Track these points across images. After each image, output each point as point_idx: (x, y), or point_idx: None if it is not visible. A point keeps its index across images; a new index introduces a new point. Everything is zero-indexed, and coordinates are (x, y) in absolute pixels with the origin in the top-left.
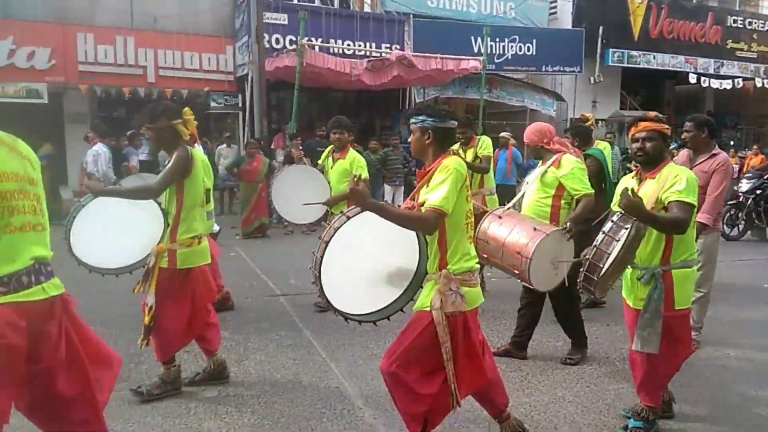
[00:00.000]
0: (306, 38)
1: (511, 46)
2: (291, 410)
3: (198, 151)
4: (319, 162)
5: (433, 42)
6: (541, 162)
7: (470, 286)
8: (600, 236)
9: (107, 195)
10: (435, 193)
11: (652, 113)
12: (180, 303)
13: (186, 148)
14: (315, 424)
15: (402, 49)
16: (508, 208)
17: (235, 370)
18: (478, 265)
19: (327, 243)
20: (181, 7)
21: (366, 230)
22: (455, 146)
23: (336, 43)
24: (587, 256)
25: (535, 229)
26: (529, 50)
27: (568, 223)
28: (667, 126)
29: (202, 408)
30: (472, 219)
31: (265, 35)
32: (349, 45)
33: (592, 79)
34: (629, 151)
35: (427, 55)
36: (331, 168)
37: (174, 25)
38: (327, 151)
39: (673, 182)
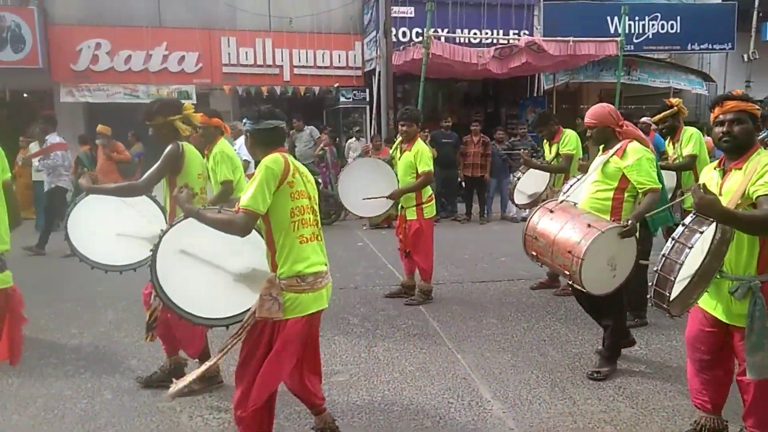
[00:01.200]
0: (432, 29)
1: (653, 25)
2: (420, 398)
3: (225, 145)
4: (390, 152)
5: (564, 25)
6: (601, 150)
7: (297, 292)
8: (669, 243)
9: (97, 192)
10: (245, 193)
11: (739, 91)
12: None
13: (178, 144)
14: (443, 413)
15: (531, 35)
16: (562, 201)
17: (365, 356)
18: (316, 269)
19: (156, 247)
20: (314, 8)
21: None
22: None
23: (462, 33)
24: (655, 268)
25: (589, 225)
26: (672, 28)
27: (630, 221)
28: (757, 106)
29: (335, 391)
30: (309, 216)
31: (393, 29)
32: (475, 33)
33: (745, 56)
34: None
35: (558, 39)
36: (399, 159)
37: (308, 25)
38: (397, 142)
39: (762, 173)
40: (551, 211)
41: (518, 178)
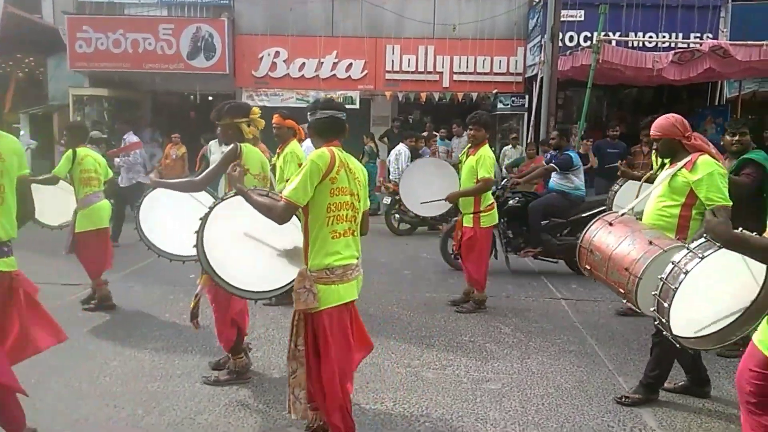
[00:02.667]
0: (603, 33)
1: None
2: (577, 417)
3: (295, 146)
4: (459, 157)
5: (756, 28)
6: (669, 163)
7: (327, 283)
8: (668, 267)
9: (162, 187)
10: (289, 184)
11: None
12: (225, 296)
13: (237, 145)
14: None
15: (715, 38)
16: (623, 214)
17: (518, 366)
18: (346, 261)
19: (205, 218)
20: (478, 14)
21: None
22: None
23: (636, 36)
24: (654, 292)
25: (650, 242)
26: None
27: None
28: None
29: (487, 398)
30: (345, 212)
31: (560, 33)
32: (651, 37)
33: None
34: None
35: (748, 43)
36: (463, 164)
37: (470, 32)
38: (466, 147)
39: None
40: (610, 224)
41: (615, 192)
